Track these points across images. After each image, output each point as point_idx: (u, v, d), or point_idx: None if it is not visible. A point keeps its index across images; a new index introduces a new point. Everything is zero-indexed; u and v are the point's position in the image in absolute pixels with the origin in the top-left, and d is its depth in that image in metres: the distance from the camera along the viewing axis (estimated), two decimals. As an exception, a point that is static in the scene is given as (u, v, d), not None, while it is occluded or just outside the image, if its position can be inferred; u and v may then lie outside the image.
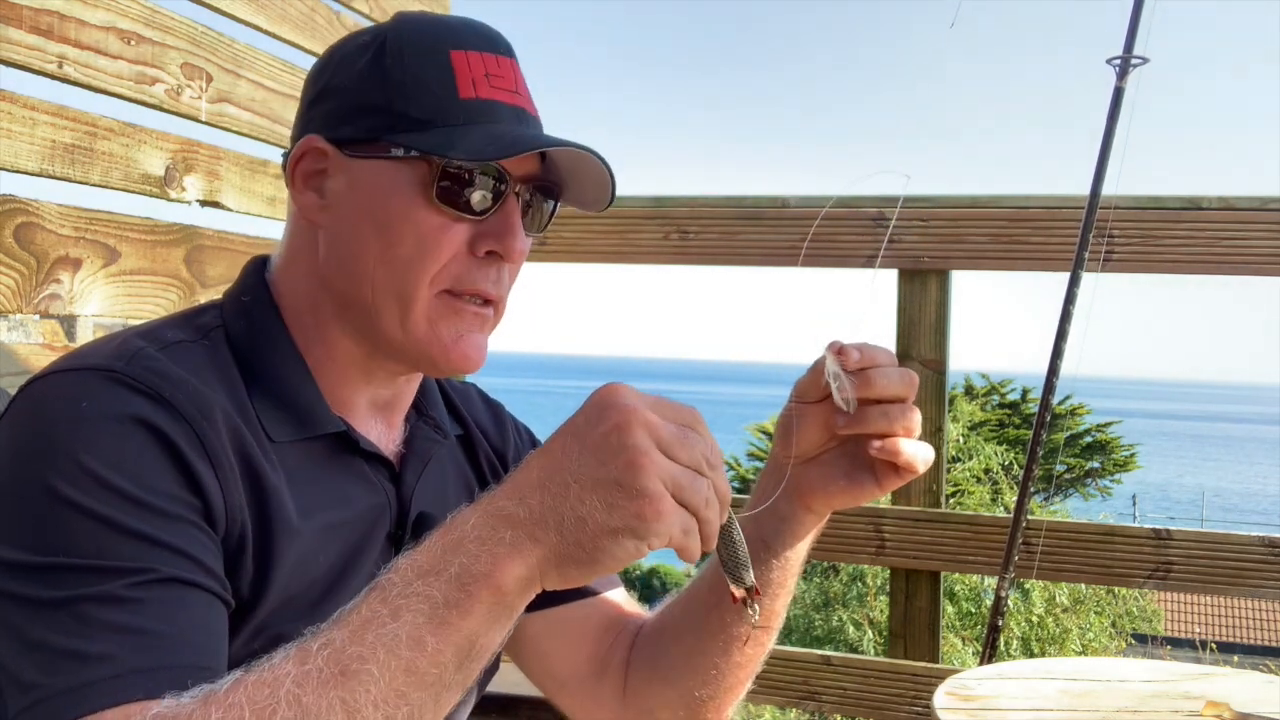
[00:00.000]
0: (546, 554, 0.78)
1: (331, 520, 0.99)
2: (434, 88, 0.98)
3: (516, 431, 1.27)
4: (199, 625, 0.84)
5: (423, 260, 0.98)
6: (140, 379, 0.88)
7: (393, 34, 1.01)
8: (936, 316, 2.47)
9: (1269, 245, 2.26)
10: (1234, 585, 2.29)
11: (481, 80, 0.99)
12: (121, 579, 0.81)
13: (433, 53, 0.99)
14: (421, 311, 0.99)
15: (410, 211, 0.98)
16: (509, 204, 1.00)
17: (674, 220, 2.65)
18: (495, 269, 1.01)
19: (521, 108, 1.02)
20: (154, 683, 0.78)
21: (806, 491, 1.08)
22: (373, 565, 1.03)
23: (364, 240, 0.99)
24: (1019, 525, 2.27)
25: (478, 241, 0.99)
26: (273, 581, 0.92)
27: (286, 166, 1.04)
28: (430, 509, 1.08)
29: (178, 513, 0.85)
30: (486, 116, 0.98)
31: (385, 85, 0.99)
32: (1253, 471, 53.65)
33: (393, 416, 1.10)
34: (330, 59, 1.05)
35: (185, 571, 0.84)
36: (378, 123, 0.99)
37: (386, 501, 1.05)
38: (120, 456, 0.85)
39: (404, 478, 1.07)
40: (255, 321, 1.03)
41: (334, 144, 1.01)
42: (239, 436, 0.93)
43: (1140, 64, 2.26)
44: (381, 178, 0.99)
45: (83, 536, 0.82)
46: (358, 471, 1.04)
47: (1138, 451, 17.06)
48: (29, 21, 1.63)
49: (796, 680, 2.56)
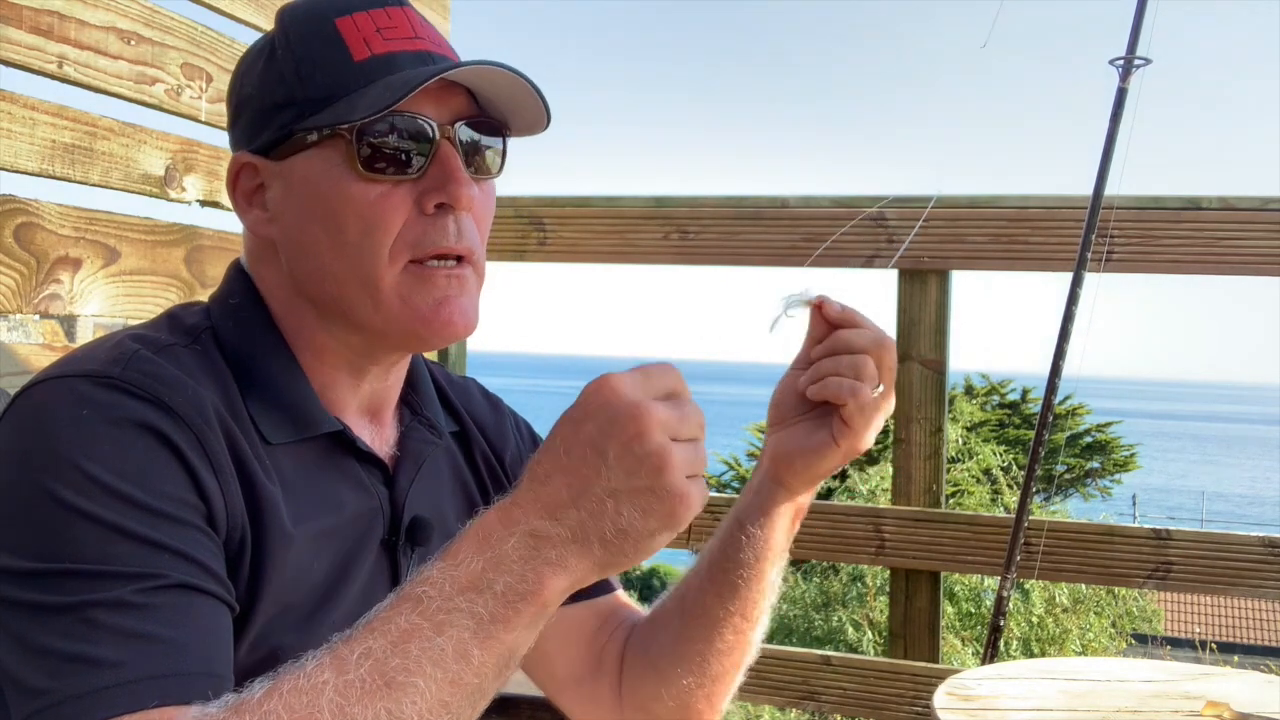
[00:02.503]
0: (591, 565, 0.79)
1: (325, 526, 0.98)
2: (326, 61, 0.96)
3: (516, 428, 1.25)
4: (208, 631, 0.83)
5: (373, 236, 0.95)
6: (138, 384, 0.88)
7: (279, 27, 1.00)
8: (936, 316, 2.47)
9: (1269, 245, 2.26)
10: (1234, 585, 2.29)
11: (374, 37, 0.97)
12: (130, 584, 0.80)
13: (318, 29, 0.97)
14: (390, 289, 0.96)
15: (344, 192, 0.95)
16: (443, 150, 0.96)
17: (674, 220, 2.64)
18: (451, 222, 0.97)
19: (425, 50, 0.98)
20: (167, 690, 0.78)
21: (779, 462, 1.10)
22: (367, 572, 1.01)
23: (314, 237, 0.97)
24: (1021, 525, 2.27)
25: (423, 199, 0.96)
26: (269, 588, 0.91)
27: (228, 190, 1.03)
28: (424, 513, 1.06)
29: (184, 517, 0.85)
30: (386, 70, 0.95)
31: (283, 78, 0.97)
32: (1253, 471, 53.64)
33: (383, 416, 1.08)
34: (236, 74, 1.04)
35: (193, 577, 0.84)
36: (287, 116, 0.97)
37: (380, 506, 1.03)
38: (124, 462, 0.84)
39: (398, 481, 1.05)
40: (244, 323, 1.01)
41: (259, 154, 0.99)
42: (234, 440, 0.91)
43: (1143, 65, 2.26)
44: (309, 170, 0.96)
45: (88, 542, 0.81)
46: (352, 475, 1.02)
47: (1138, 452, 17.06)
48: (29, 21, 1.63)
49: (796, 680, 2.56)
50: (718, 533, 1.15)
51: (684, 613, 1.15)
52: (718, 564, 1.13)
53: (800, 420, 1.09)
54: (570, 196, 2.83)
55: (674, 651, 1.15)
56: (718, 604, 1.13)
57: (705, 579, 1.14)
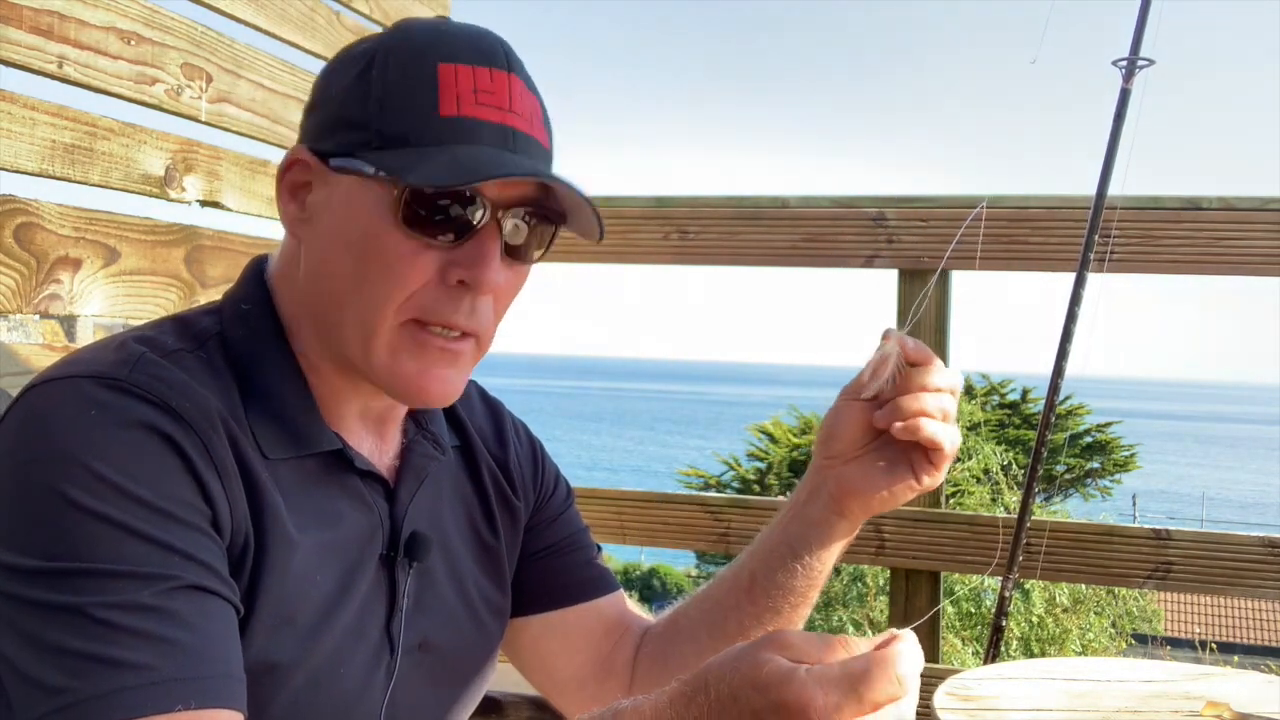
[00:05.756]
0: None
1: (326, 540, 0.97)
2: (413, 103, 0.93)
3: (515, 433, 1.25)
4: (223, 634, 0.84)
5: (388, 287, 0.93)
6: (146, 387, 0.87)
7: (385, 43, 0.97)
8: (936, 316, 2.47)
9: (1269, 245, 2.26)
10: (1233, 585, 2.29)
11: (468, 96, 0.93)
12: (146, 585, 0.80)
13: (418, 65, 0.94)
14: (384, 341, 0.95)
15: (379, 234, 0.93)
16: (485, 231, 0.94)
17: (674, 220, 2.64)
18: (468, 300, 0.95)
19: (511, 126, 0.94)
20: (190, 693, 0.78)
21: (846, 493, 1.07)
22: (366, 588, 1.00)
23: (337, 259, 0.96)
24: (1023, 525, 2.27)
25: (448, 270, 0.94)
26: (269, 597, 0.91)
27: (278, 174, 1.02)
28: (425, 527, 1.05)
29: (191, 520, 0.85)
30: (465, 137, 0.92)
31: (366, 99, 0.94)
32: (1255, 473, 53.65)
33: (385, 429, 1.07)
34: (330, 67, 1.02)
35: (204, 579, 0.84)
36: (355, 138, 0.94)
37: (379, 521, 1.02)
38: (134, 463, 0.84)
39: (398, 496, 1.04)
40: (254, 331, 1.00)
41: (318, 156, 0.97)
42: (239, 446, 0.91)
43: (1146, 65, 2.26)
44: (355, 195, 0.95)
45: (100, 542, 0.81)
46: (351, 489, 1.01)
47: (1138, 452, 17.06)
48: (29, 21, 1.63)
49: (796, 680, 2.56)
50: (759, 554, 1.12)
51: (714, 627, 1.14)
52: (763, 588, 1.11)
53: (866, 454, 1.06)
54: (570, 196, 2.82)
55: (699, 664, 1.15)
56: (757, 626, 1.11)
57: (745, 598, 1.12)
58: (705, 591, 1.17)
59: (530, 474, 1.23)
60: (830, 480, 1.07)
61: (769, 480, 16.24)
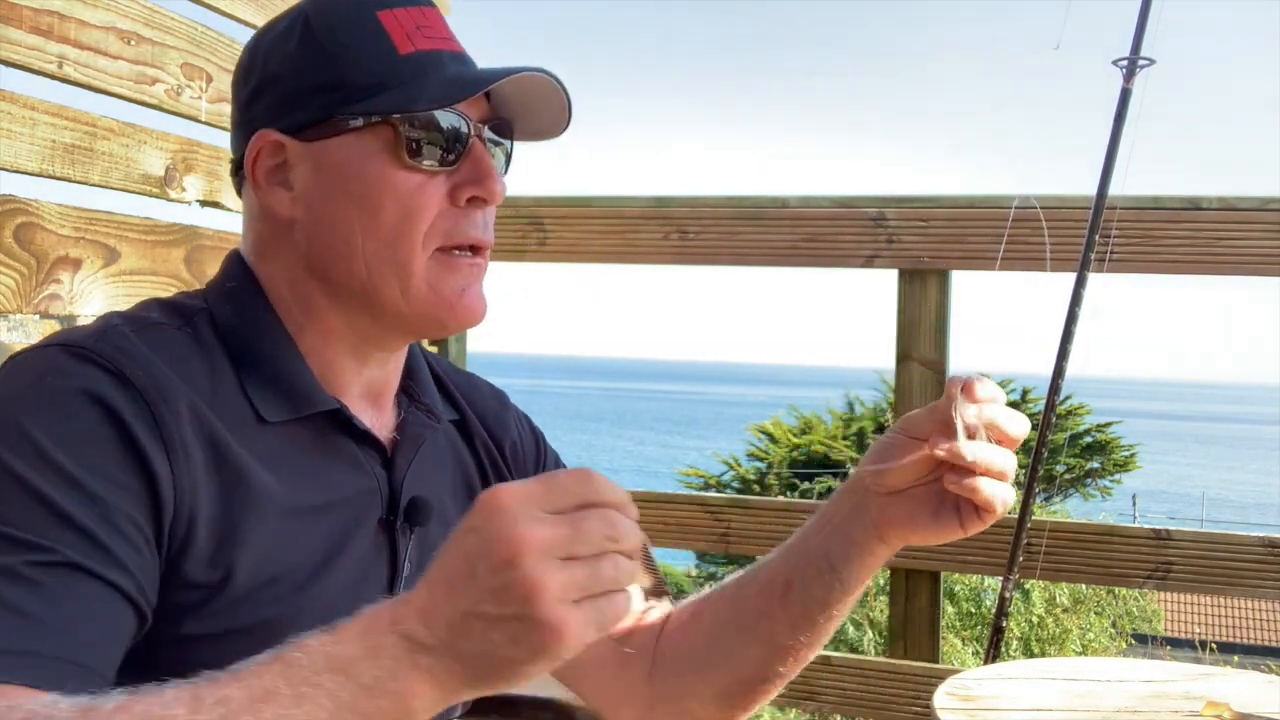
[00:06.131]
0: (459, 684, 0.76)
1: (315, 503, 0.98)
2: (373, 52, 0.99)
3: (518, 421, 1.26)
4: (86, 619, 0.82)
5: (410, 223, 0.98)
6: (106, 355, 0.89)
7: (313, 10, 1.02)
8: (936, 316, 2.47)
9: (1269, 245, 2.26)
10: (1233, 585, 2.29)
11: (415, 33, 1.00)
12: (28, 554, 0.81)
13: (360, 17, 1.00)
14: (420, 275, 0.99)
15: (385, 178, 0.98)
16: (477, 148, 1.01)
17: (674, 220, 2.65)
18: (480, 215, 1.02)
19: (459, 52, 1.03)
20: (13, 667, 0.77)
21: (887, 523, 1.06)
22: (364, 550, 1.02)
23: (347, 220, 0.99)
24: (1023, 526, 2.27)
25: (457, 191, 1.00)
26: (241, 563, 0.91)
27: (243, 168, 1.03)
28: (424, 493, 1.07)
29: (110, 499, 0.85)
30: (433, 67, 0.99)
31: (325, 61, 0.99)
32: (1255, 474, 53.67)
33: (383, 401, 1.09)
34: (255, 53, 1.04)
35: (89, 559, 0.83)
36: (328, 100, 0.98)
37: (377, 487, 1.04)
38: (65, 431, 0.85)
39: (396, 462, 1.06)
40: (242, 306, 1.03)
41: (287, 133, 1.00)
42: (204, 421, 0.92)
43: (1147, 65, 2.26)
44: (348, 153, 0.98)
45: (6, 503, 0.82)
46: (349, 455, 1.03)
47: (1138, 452, 17.06)
48: (29, 21, 1.63)
49: (796, 680, 2.53)
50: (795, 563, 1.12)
51: (743, 629, 1.14)
52: (798, 598, 1.11)
53: (916, 490, 1.04)
54: (570, 196, 2.83)
55: (727, 663, 1.15)
56: (789, 634, 1.11)
57: (778, 605, 1.12)
58: (735, 590, 1.17)
59: (532, 458, 1.25)
60: (874, 507, 1.06)
61: (769, 480, 16.25)
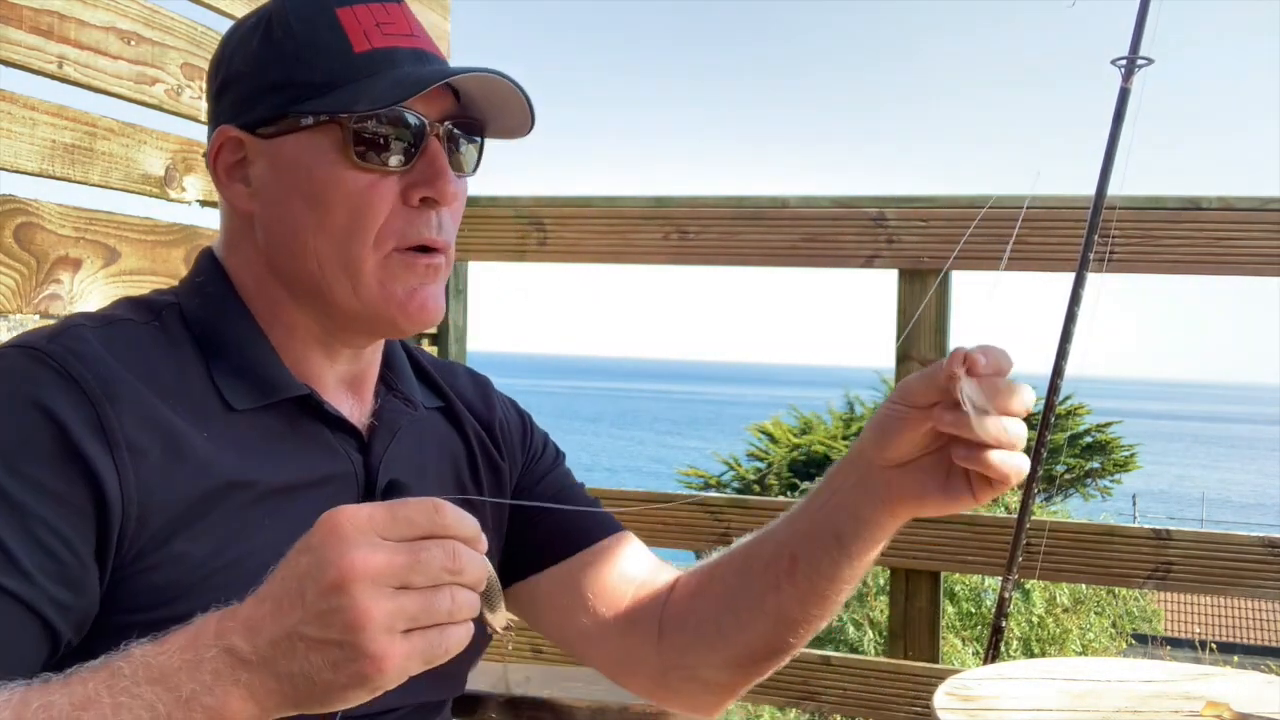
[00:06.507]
0: (279, 701, 0.76)
1: (286, 485, 0.98)
2: (328, 49, 0.99)
3: (502, 402, 1.27)
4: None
5: (360, 223, 0.98)
6: (55, 356, 0.90)
7: (276, 7, 1.02)
8: (936, 316, 2.47)
9: (1269, 245, 2.26)
10: (1233, 585, 2.29)
11: (374, 30, 1.00)
12: None
13: (318, 14, 1.00)
14: (371, 275, 0.99)
15: (335, 177, 0.98)
16: (431, 147, 1.00)
17: (674, 220, 2.65)
18: (434, 215, 1.01)
19: (420, 49, 1.01)
20: None
21: (896, 498, 1.03)
22: None
23: (299, 218, 1.00)
24: (1023, 526, 2.27)
25: (409, 192, 0.99)
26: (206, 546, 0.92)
27: (208, 163, 1.05)
28: (403, 477, 1.07)
29: (35, 509, 0.85)
30: (387, 64, 0.99)
31: (281, 59, 1.00)
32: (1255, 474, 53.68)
33: (362, 391, 1.10)
34: (224, 49, 1.06)
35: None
36: (283, 98, 0.99)
37: (354, 471, 1.05)
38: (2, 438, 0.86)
39: (372, 448, 1.07)
40: (211, 298, 1.03)
41: (247, 130, 1.01)
42: (159, 415, 0.92)
43: (1145, 65, 2.26)
44: (300, 151, 0.99)
45: None
46: (323, 440, 1.03)
47: (1138, 452, 17.06)
48: (29, 21, 1.63)
49: (796, 680, 2.56)
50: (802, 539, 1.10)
51: (752, 603, 1.12)
52: (806, 573, 1.09)
53: (924, 461, 1.00)
54: (570, 196, 2.83)
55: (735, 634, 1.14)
56: (798, 608, 1.10)
57: (786, 580, 1.10)
58: (742, 562, 1.15)
59: (518, 437, 1.26)
60: (881, 483, 1.04)
61: (769, 480, 16.25)
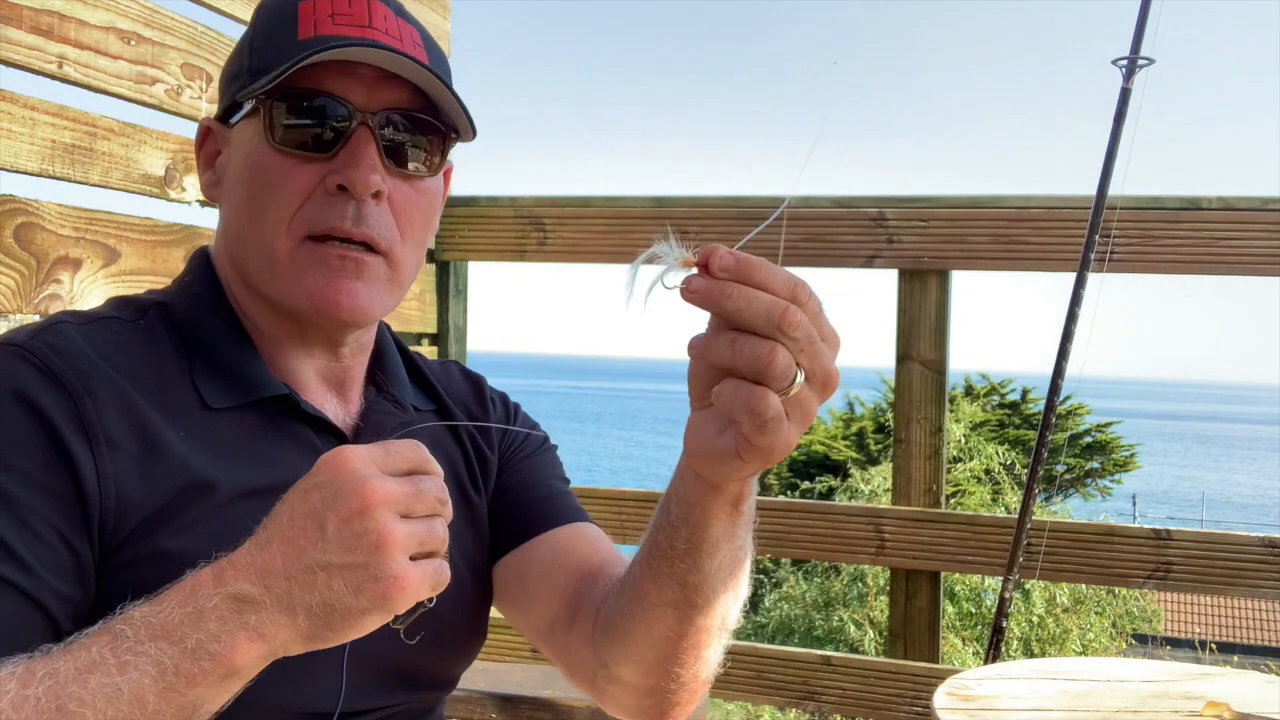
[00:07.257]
0: (291, 636, 0.77)
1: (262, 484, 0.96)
2: (275, 37, 1.00)
3: (493, 400, 1.26)
4: None
5: (276, 208, 0.97)
6: (36, 353, 0.91)
7: (259, 3, 1.06)
8: (936, 316, 2.47)
9: (1269, 245, 2.27)
10: (1233, 585, 2.30)
11: (325, 20, 0.99)
12: None
13: (285, 6, 1.01)
14: (285, 263, 0.98)
15: (259, 160, 0.99)
16: (357, 136, 0.97)
17: (674, 220, 2.65)
18: (351, 205, 0.97)
19: (372, 40, 0.97)
20: None
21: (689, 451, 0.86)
22: None
23: (236, 203, 1.02)
24: (1024, 527, 2.27)
25: (330, 178, 0.97)
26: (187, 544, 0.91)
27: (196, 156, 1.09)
28: None
29: (25, 499, 0.86)
30: (322, 51, 0.96)
31: (240, 50, 1.04)
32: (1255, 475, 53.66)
33: (347, 392, 1.09)
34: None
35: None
36: (236, 87, 1.02)
37: None
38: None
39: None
40: (196, 297, 1.04)
41: (217, 120, 1.06)
42: (137, 411, 0.92)
43: (1146, 65, 2.26)
44: (241, 137, 1.02)
45: None
46: (303, 440, 1.02)
47: (1138, 452, 17.06)
48: (29, 21, 1.63)
49: (796, 680, 2.56)
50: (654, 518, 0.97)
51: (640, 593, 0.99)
52: (662, 554, 0.95)
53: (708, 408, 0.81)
54: (570, 196, 2.83)
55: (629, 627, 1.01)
56: (654, 590, 0.96)
57: (650, 566, 0.97)
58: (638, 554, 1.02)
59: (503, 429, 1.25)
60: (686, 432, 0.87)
61: (768, 480, 16.25)
